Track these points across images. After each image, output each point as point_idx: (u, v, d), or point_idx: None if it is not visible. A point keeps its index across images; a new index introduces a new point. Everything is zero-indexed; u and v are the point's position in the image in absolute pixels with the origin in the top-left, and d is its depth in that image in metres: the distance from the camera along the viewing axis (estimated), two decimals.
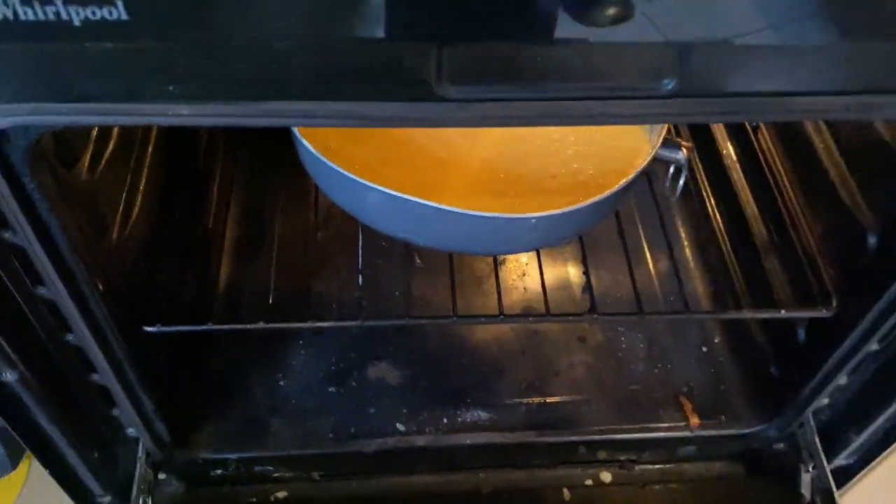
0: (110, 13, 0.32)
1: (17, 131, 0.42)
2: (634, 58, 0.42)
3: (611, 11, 0.33)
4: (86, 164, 0.55)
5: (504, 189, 0.70)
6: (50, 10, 0.32)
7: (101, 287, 0.56)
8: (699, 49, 0.42)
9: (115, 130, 0.61)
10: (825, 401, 0.77)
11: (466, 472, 0.83)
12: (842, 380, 0.73)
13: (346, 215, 0.84)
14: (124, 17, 0.33)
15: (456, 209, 0.61)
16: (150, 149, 0.69)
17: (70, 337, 0.59)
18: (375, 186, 0.61)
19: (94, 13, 0.32)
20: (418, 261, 0.94)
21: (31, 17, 0.32)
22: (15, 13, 0.32)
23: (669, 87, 0.43)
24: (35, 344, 0.58)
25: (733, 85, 0.43)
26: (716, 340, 0.89)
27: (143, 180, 0.67)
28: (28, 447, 0.65)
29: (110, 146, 0.59)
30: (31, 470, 0.99)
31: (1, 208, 0.47)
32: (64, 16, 0.32)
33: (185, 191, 0.81)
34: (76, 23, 0.33)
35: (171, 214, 0.75)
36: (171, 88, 0.40)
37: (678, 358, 0.88)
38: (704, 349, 0.88)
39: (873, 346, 0.69)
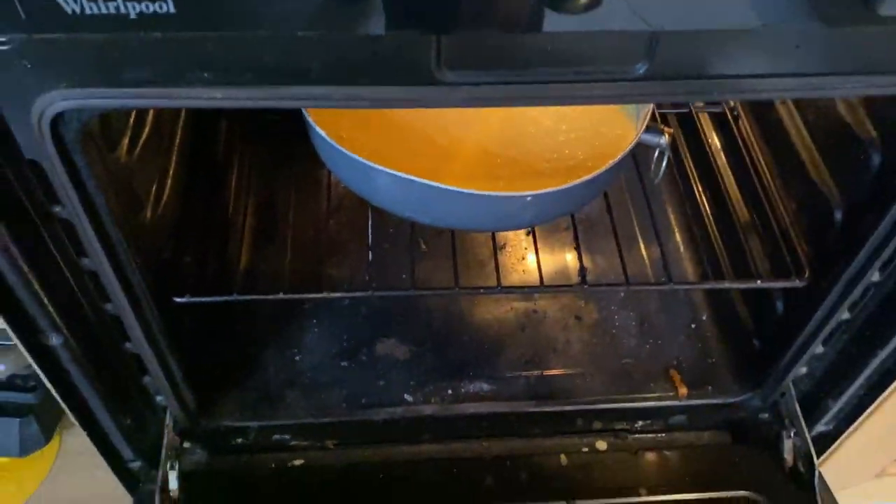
0: (161, 7, 0.39)
1: (72, 114, 0.49)
2: (609, 45, 0.48)
3: (582, 0, 0.39)
4: (124, 147, 0.61)
5: (500, 173, 0.76)
6: (112, 4, 0.38)
7: (137, 260, 0.62)
8: (666, 37, 0.48)
9: (149, 118, 0.67)
10: (804, 370, 0.83)
11: (470, 441, 0.89)
12: (818, 349, 0.79)
13: (355, 205, 0.90)
14: (172, 10, 0.39)
15: (458, 189, 0.67)
16: (176, 140, 0.76)
17: (108, 306, 0.65)
18: (385, 169, 0.67)
19: (147, 7, 0.39)
20: (423, 246, 1.00)
21: (94, 10, 0.39)
22: (81, 7, 0.38)
23: (641, 70, 0.49)
24: (78, 312, 0.64)
25: (697, 69, 0.49)
26: (703, 318, 0.94)
27: (172, 167, 0.74)
28: (68, 409, 0.71)
29: (144, 133, 0.66)
30: (61, 445, 1.06)
31: (53, 185, 0.54)
32: (122, 10, 0.39)
33: (205, 180, 0.88)
34: (132, 15, 0.39)
35: (194, 201, 0.81)
36: (205, 75, 0.47)
37: (668, 334, 0.93)
38: (693, 326, 0.94)
39: (844, 314, 0.75)
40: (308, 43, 0.45)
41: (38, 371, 0.66)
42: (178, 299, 0.71)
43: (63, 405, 0.71)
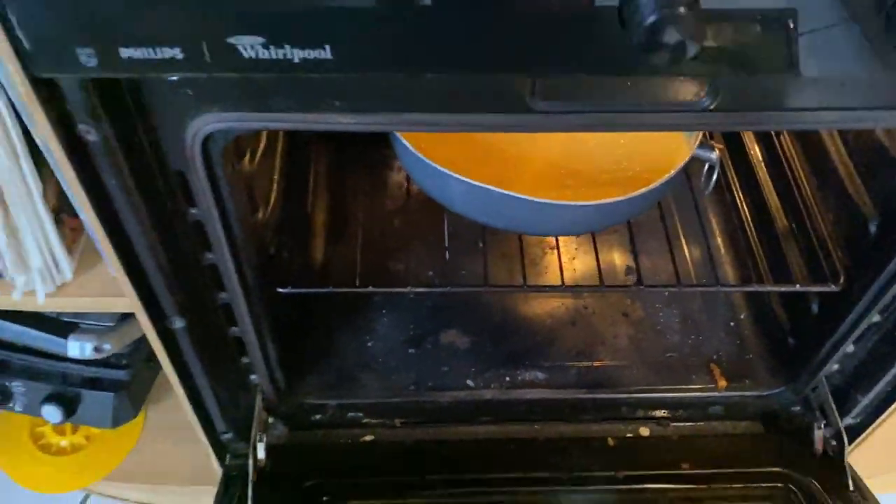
0: (319, 54, 0.47)
1: (220, 133, 0.58)
2: (680, 83, 0.56)
3: (667, 60, 0.47)
4: (247, 158, 0.70)
5: (564, 182, 0.84)
6: (280, 51, 0.47)
7: (251, 255, 0.71)
8: (728, 81, 0.56)
9: (264, 133, 0.76)
10: (835, 367, 0.90)
11: (525, 424, 0.97)
12: (849, 348, 0.86)
13: (418, 207, 0.98)
14: (329, 56, 0.47)
15: (529, 197, 0.75)
16: (278, 150, 0.85)
17: (223, 295, 0.74)
18: (464, 178, 0.75)
19: (309, 54, 0.47)
20: (480, 244, 1.08)
21: (265, 56, 0.47)
22: (257, 54, 0.47)
23: (706, 104, 0.57)
24: (197, 299, 0.73)
25: (754, 104, 0.57)
26: (742, 316, 1.02)
27: (276, 174, 0.83)
28: (180, 385, 0.81)
29: (261, 146, 0.75)
30: (146, 419, 1.16)
31: (193, 191, 0.63)
32: (289, 55, 0.47)
33: (293, 183, 0.97)
34: (296, 60, 0.48)
35: (288, 202, 0.91)
36: (337, 103, 0.55)
37: (709, 331, 1.01)
38: (732, 324, 1.02)
39: (875, 317, 0.82)
40: (430, 80, 0.53)
41: (160, 351, 0.76)
42: (281, 290, 0.80)
43: (175, 381, 0.80)
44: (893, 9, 0.46)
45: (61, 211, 0.70)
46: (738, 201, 1.04)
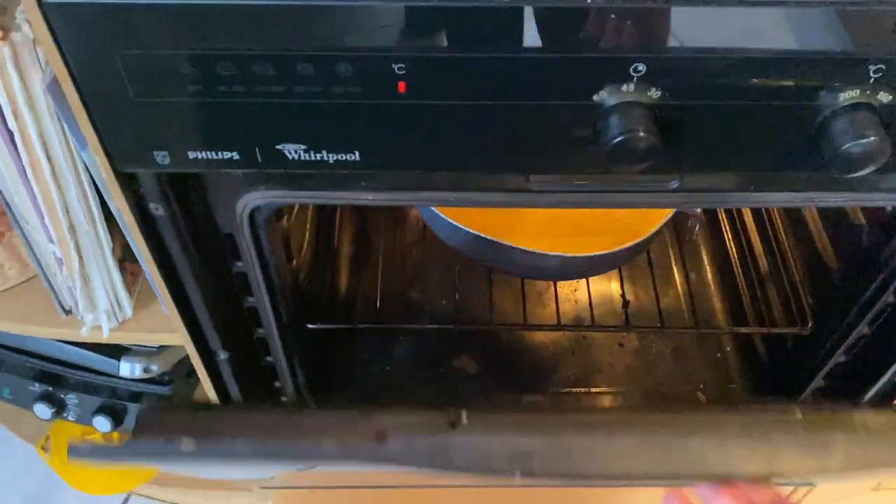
0: (350, 157, 0.58)
1: (265, 206, 0.69)
2: (652, 169, 0.66)
3: (640, 167, 0.56)
4: (284, 219, 0.81)
5: (564, 231, 0.94)
6: (319, 155, 0.58)
7: (286, 298, 0.82)
8: (694, 167, 0.66)
9: None
10: (810, 399, 1.00)
11: None
12: (819, 382, 0.96)
13: (434, 239, 1.08)
14: (357, 158, 0.58)
15: (527, 248, 0.86)
16: (310, 205, 0.96)
17: (260, 331, 0.85)
18: (471, 231, 0.86)
19: (342, 156, 0.58)
20: (489, 274, 1.19)
21: (307, 158, 0.58)
22: (300, 156, 0.58)
23: (674, 185, 0.67)
24: (238, 335, 0.85)
25: (717, 187, 0.67)
26: (727, 349, 1.12)
27: (308, 223, 0.94)
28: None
29: (296, 207, 0.86)
30: None
31: (240, 249, 0.74)
32: (325, 157, 0.58)
33: (323, 226, 1.08)
34: (331, 161, 0.58)
35: (317, 242, 1.02)
36: (363, 184, 0.66)
37: (696, 362, 1.11)
38: (718, 355, 1.11)
39: (841, 357, 0.91)
40: (439, 173, 0.64)
41: (205, 379, 0.87)
42: (310, 325, 0.91)
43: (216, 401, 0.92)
44: (819, 129, 0.55)
45: (124, 259, 0.82)
46: (727, 246, 1.13)
